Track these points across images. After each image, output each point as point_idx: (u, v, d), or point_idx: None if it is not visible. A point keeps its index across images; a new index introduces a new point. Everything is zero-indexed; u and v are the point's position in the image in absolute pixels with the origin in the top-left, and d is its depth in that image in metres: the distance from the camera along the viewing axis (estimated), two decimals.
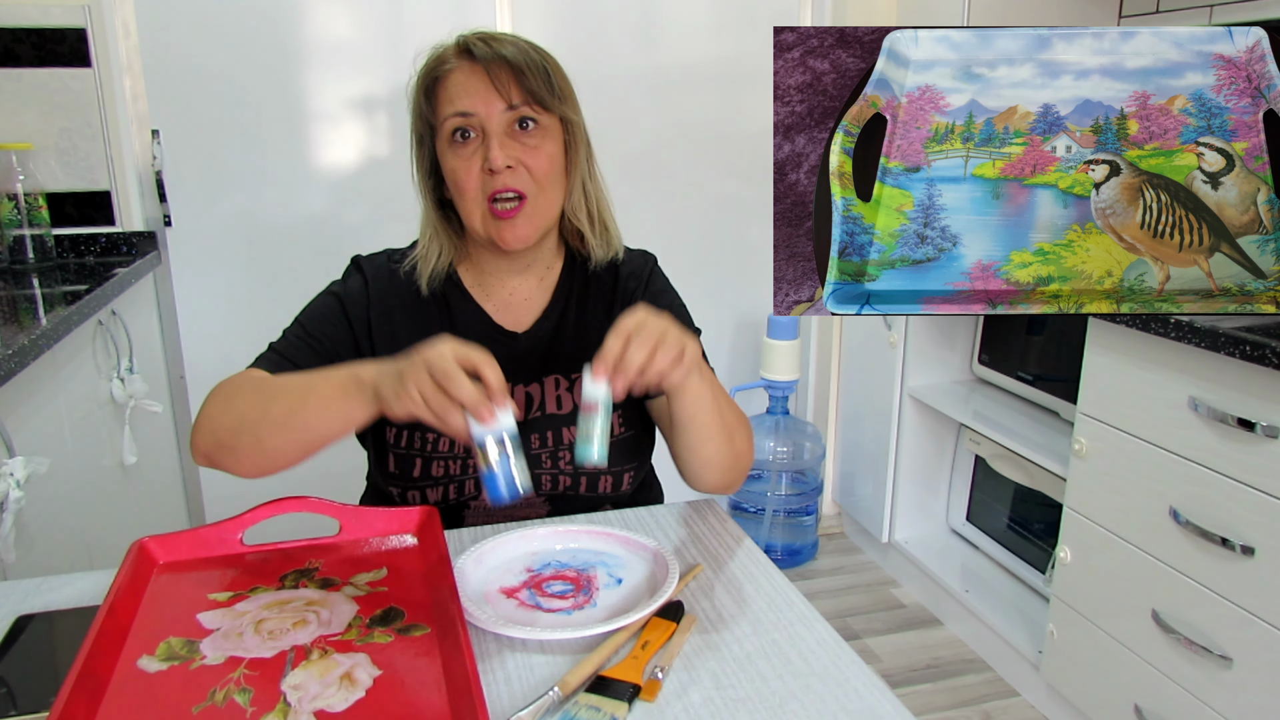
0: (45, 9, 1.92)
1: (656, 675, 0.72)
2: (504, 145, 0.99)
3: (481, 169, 1.00)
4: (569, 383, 1.08)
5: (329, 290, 1.10)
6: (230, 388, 0.96)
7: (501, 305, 1.10)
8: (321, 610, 0.80)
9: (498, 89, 0.99)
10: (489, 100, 0.99)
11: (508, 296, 1.11)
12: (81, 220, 2.04)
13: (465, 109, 0.99)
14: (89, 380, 1.64)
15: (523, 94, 0.99)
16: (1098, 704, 1.70)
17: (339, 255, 1.20)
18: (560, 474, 1.06)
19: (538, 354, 1.09)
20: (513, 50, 1.00)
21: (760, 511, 2.51)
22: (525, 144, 1.01)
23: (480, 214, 1.02)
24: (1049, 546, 2.04)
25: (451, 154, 1.01)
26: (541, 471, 1.06)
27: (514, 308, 1.10)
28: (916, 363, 2.30)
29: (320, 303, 1.09)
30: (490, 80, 0.99)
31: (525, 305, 1.11)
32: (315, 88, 2.17)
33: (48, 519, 1.36)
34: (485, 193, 1.01)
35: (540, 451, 1.06)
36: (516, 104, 0.99)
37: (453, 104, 1.00)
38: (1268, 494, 1.33)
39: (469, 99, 0.99)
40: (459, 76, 1.00)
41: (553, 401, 1.07)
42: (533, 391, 1.07)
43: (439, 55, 1.03)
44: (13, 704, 0.70)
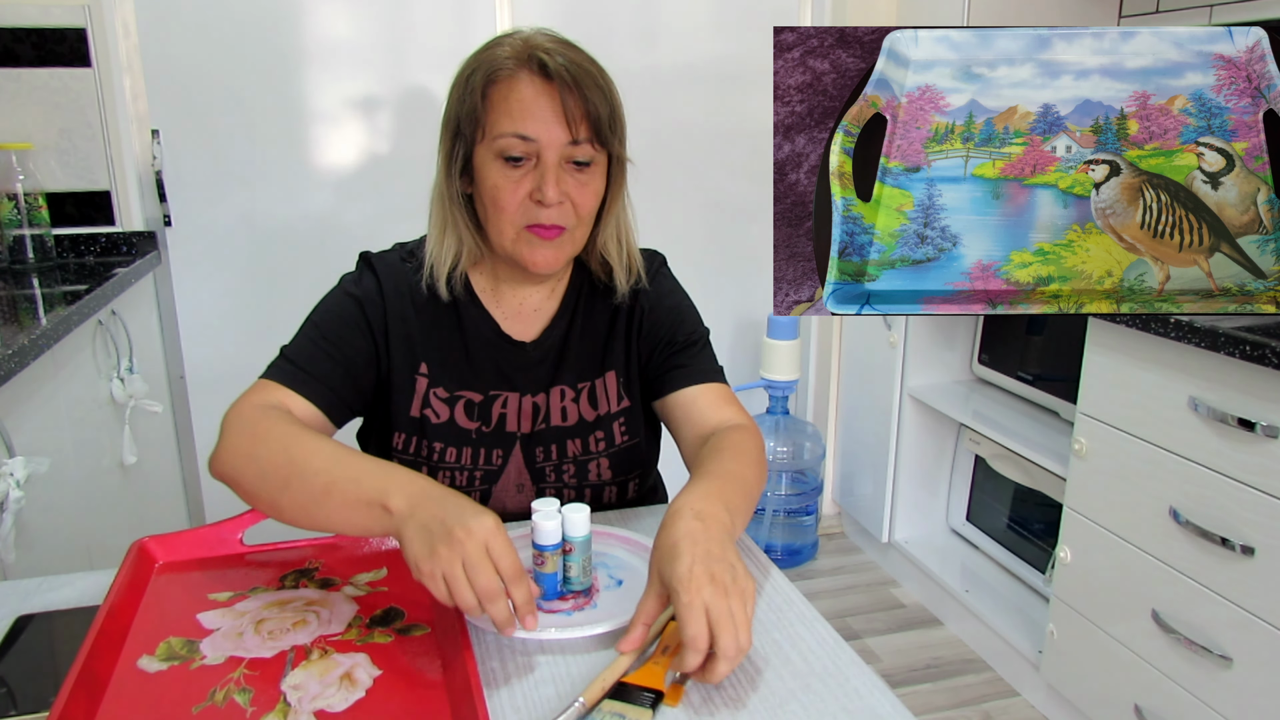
0: (45, 9, 1.92)
1: (678, 680, 0.72)
2: (560, 180, 0.95)
3: (529, 196, 0.95)
4: (574, 393, 1.07)
5: (344, 291, 1.04)
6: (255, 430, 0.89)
7: (511, 313, 1.07)
8: (321, 610, 0.80)
9: (567, 120, 0.93)
10: (553, 129, 0.93)
11: (518, 305, 1.07)
12: (81, 220, 2.04)
13: (528, 133, 0.93)
14: (89, 380, 1.64)
15: (588, 129, 0.94)
16: (1098, 704, 1.70)
17: (339, 255, 1.20)
18: (565, 487, 1.06)
19: (546, 364, 1.07)
20: (579, 69, 0.94)
21: (760, 511, 2.51)
22: (576, 179, 0.96)
23: (513, 234, 0.97)
24: (1049, 546, 2.04)
25: (498, 170, 0.95)
26: (546, 485, 1.06)
27: (523, 316, 1.07)
28: (916, 363, 2.30)
29: (336, 304, 1.03)
30: (561, 106, 0.93)
31: (535, 315, 1.08)
32: (315, 88, 2.17)
33: (48, 519, 1.36)
34: (525, 219, 0.96)
35: (545, 465, 1.05)
36: (580, 140, 0.94)
37: (514, 122, 0.93)
38: (1268, 494, 1.33)
39: (534, 124, 0.93)
40: (526, 91, 0.93)
41: (558, 413, 1.06)
42: (539, 402, 1.06)
43: (494, 57, 0.95)
44: (13, 704, 0.70)
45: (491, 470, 1.04)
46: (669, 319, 1.09)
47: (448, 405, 1.04)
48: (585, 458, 1.06)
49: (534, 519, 0.83)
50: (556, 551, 0.83)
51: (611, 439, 1.07)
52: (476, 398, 1.04)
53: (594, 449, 1.06)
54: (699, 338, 1.10)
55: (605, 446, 1.07)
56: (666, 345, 1.08)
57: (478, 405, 1.04)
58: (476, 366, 1.05)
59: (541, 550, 0.83)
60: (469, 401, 1.04)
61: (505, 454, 1.05)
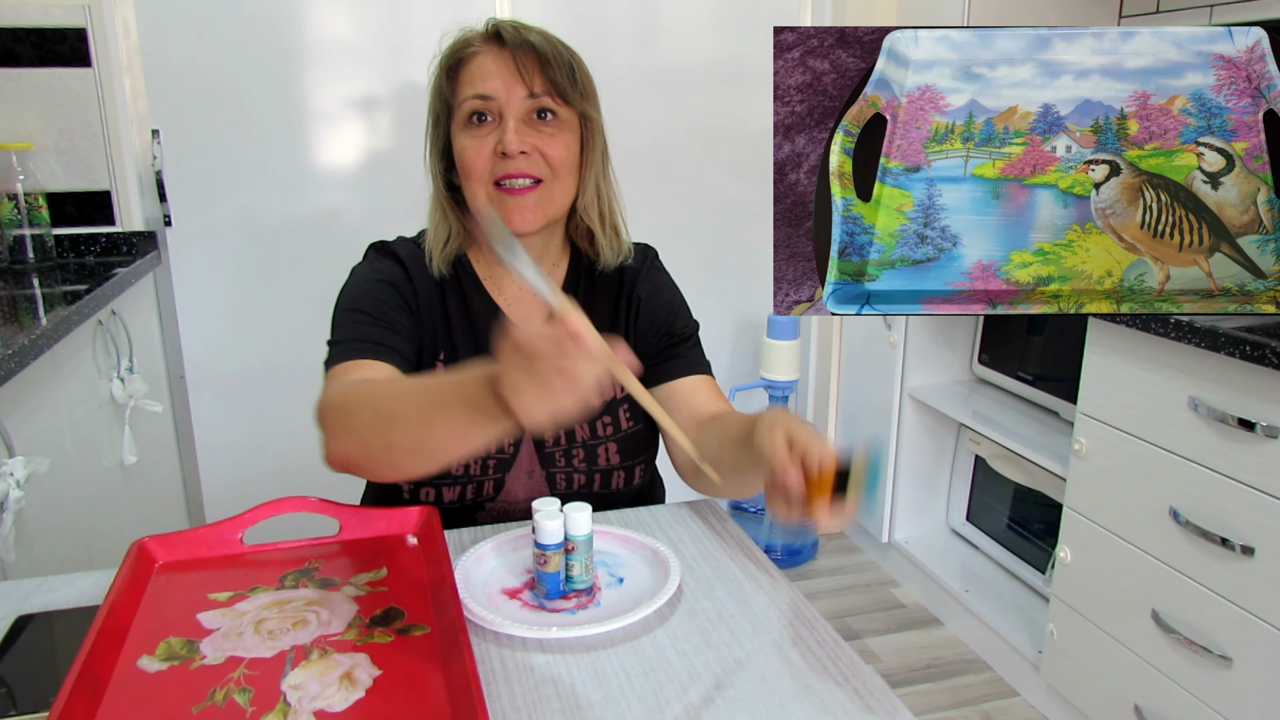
0: (45, 9, 1.92)
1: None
2: (520, 131, 0.98)
3: (493, 152, 0.99)
4: None
5: (373, 277, 1.04)
6: (341, 411, 0.83)
7: (513, 299, 1.10)
8: (321, 610, 0.80)
9: (521, 75, 0.98)
10: (511, 85, 0.98)
11: (518, 291, 1.10)
12: (81, 220, 2.04)
13: (485, 91, 0.99)
14: (89, 380, 1.64)
15: (545, 83, 0.99)
16: (1098, 704, 1.70)
17: (339, 255, 1.20)
18: (575, 472, 1.07)
19: None
20: (541, 40, 1.00)
21: (760, 511, 2.51)
22: (543, 132, 1.00)
23: (485, 195, 1.00)
24: (1049, 546, 2.04)
25: (465, 134, 1.00)
26: (556, 470, 1.06)
27: (524, 303, 1.10)
28: (916, 363, 2.30)
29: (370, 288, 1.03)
30: (515, 66, 0.98)
31: (535, 302, 1.10)
32: (315, 88, 2.17)
33: (48, 519, 1.36)
34: (492, 175, 0.99)
35: (554, 450, 1.06)
36: (538, 93, 0.99)
37: (473, 85, 0.99)
38: (1268, 494, 1.33)
39: (490, 82, 0.98)
40: (484, 60, 1.00)
41: None
42: None
43: (466, 37, 1.02)
44: (13, 704, 0.70)
45: (504, 459, 1.05)
46: (666, 311, 1.12)
47: None
48: (594, 442, 1.07)
49: (536, 518, 0.83)
50: (559, 550, 0.83)
51: (618, 423, 1.08)
52: None
53: (602, 433, 1.07)
54: (692, 332, 1.14)
55: (613, 431, 1.08)
56: (664, 336, 1.11)
57: None
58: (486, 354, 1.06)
59: (544, 549, 0.83)
60: None
61: (517, 442, 1.06)
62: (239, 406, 2.25)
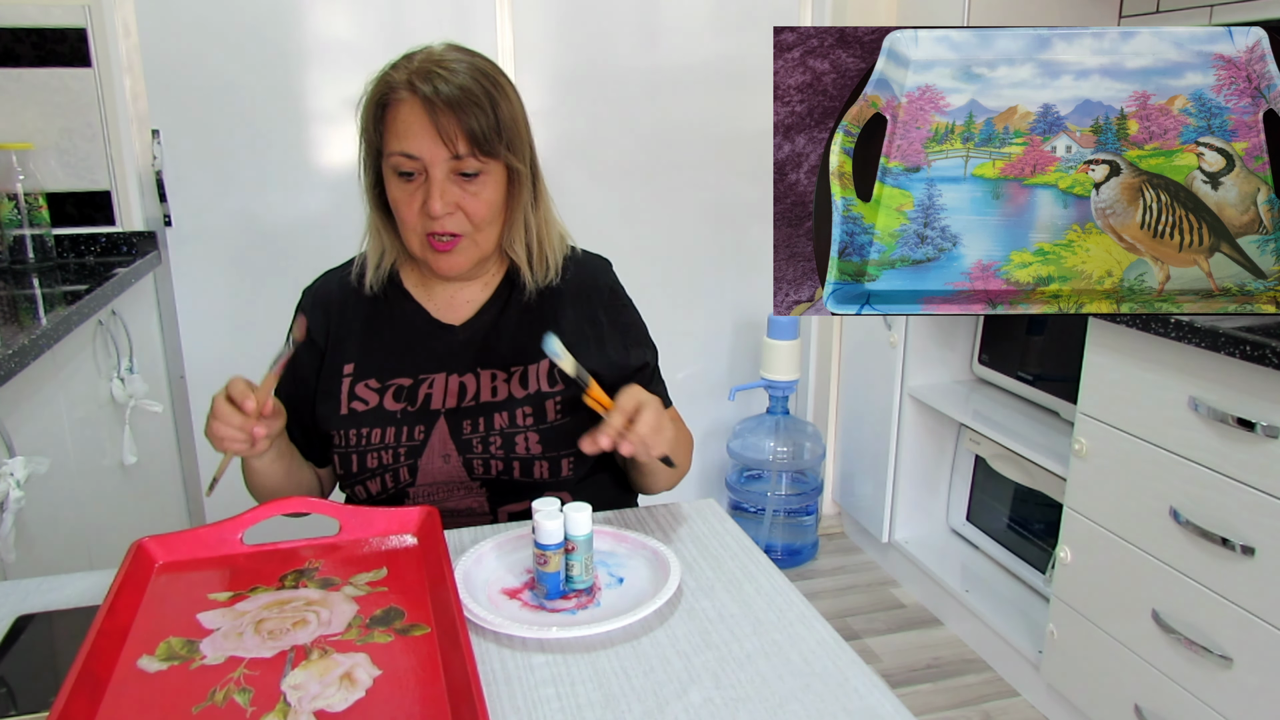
0: (45, 9, 1.92)
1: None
2: (445, 191, 1.01)
3: (421, 209, 1.02)
4: (506, 375, 1.10)
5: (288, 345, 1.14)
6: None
7: (444, 304, 1.14)
8: (321, 610, 0.80)
9: (442, 137, 0.99)
10: (433, 148, 1.00)
11: (449, 299, 1.14)
12: (81, 220, 2.04)
13: (410, 151, 1.00)
14: (89, 380, 1.64)
15: (467, 144, 1.00)
16: (1098, 704, 1.70)
17: (339, 255, 1.20)
18: (492, 459, 1.08)
19: (473, 346, 1.12)
20: (458, 91, 0.99)
21: (760, 511, 2.51)
22: (465, 190, 1.03)
23: (418, 243, 1.06)
24: (1049, 546, 2.04)
25: (396, 185, 1.04)
26: (473, 456, 1.08)
27: (456, 306, 1.14)
28: (916, 363, 2.30)
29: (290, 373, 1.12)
30: (434, 126, 0.99)
31: (467, 305, 1.14)
32: (315, 88, 2.17)
33: (48, 519, 1.36)
34: (424, 229, 1.04)
35: (471, 437, 1.08)
36: (461, 154, 1.00)
37: (400, 141, 1.01)
38: (1268, 494, 1.33)
39: (414, 141, 1.00)
40: (407, 114, 1.00)
41: (487, 390, 1.10)
42: (466, 382, 1.10)
43: (388, 80, 1.02)
44: (13, 704, 0.70)
45: (415, 445, 1.08)
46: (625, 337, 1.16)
47: (378, 394, 1.10)
48: (512, 430, 1.08)
49: (536, 518, 0.83)
50: (559, 550, 0.83)
51: (543, 415, 1.09)
52: (406, 382, 1.10)
53: (521, 423, 1.08)
54: (646, 363, 1.17)
55: (534, 421, 1.08)
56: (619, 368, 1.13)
57: (406, 389, 1.10)
58: (408, 354, 1.11)
59: (544, 549, 0.83)
60: (399, 387, 1.10)
61: (428, 429, 1.08)
62: None
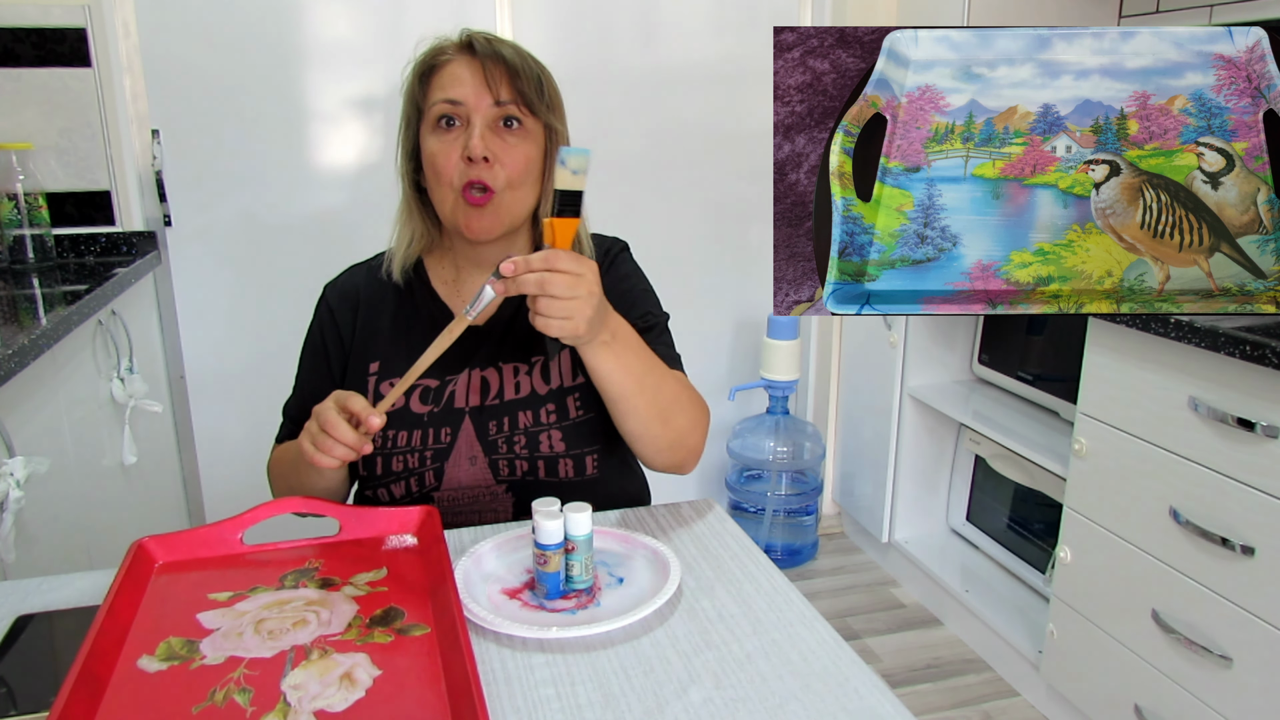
0: (45, 9, 1.92)
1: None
2: (485, 137, 1.02)
3: (460, 156, 1.03)
4: (527, 367, 1.10)
5: (308, 335, 1.17)
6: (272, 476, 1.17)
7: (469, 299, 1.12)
8: (321, 610, 0.80)
9: (489, 84, 1.03)
10: (479, 93, 1.03)
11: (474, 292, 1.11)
12: (81, 220, 2.04)
13: (455, 97, 1.03)
14: (89, 380, 1.64)
15: (512, 93, 1.03)
16: (1098, 704, 1.70)
17: (339, 255, 1.20)
18: (517, 459, 1.07)
19: (494, 340, 1.11)
20: (511, 52, 1.05)
21: (760, 511, 2.51)
22: (505, 140, 1.04)
23: (452, 200, 1.05)
24: (1049, 546, 2.04)
25: (434, 138, 1.05)
26: (499, 457, 1.07)
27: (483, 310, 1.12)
28: (916, 363, 2.30)
29: (306, 356, 1.17)
30: (484, 75, 1.03)
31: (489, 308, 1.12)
32: (315, 88, 2.17)
33: (48, 519, 1.36)
34: (460, 180, 1.03)
35: (497, 437, 1.07)
36: (504, 101, 1.03)
37: (444, 91, 1.04)
38: (1268, 494, 1.33)
39: (460, 88, 1.03)
40: (455, 68, 1.04)
41: (511, 387, 1.09)
42: (489, 376, 1.10)
43: (440, 45, 1.07)
44: (13, 704, 0.70)
45: (441, 448, 1.07)
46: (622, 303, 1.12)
47: (404, 395, 1.08)
48: (536, 429, 1.08)
49: (536, 518, 0.83)
50: (559, 550, 0.83)
51: (565, 412, 1.08)
52: (433, 384, 1.10)
53: (545, 420, 1.08)
54: (655, 323, 1.15)
55: (558, 419, 1.08)
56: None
57: (434, 391, 1.09)
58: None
59: (544, 549, 0.83)
60: (426, 389, 1.09)
61: (454, 430, 1.08)
62: (239, 406, 2.25)
